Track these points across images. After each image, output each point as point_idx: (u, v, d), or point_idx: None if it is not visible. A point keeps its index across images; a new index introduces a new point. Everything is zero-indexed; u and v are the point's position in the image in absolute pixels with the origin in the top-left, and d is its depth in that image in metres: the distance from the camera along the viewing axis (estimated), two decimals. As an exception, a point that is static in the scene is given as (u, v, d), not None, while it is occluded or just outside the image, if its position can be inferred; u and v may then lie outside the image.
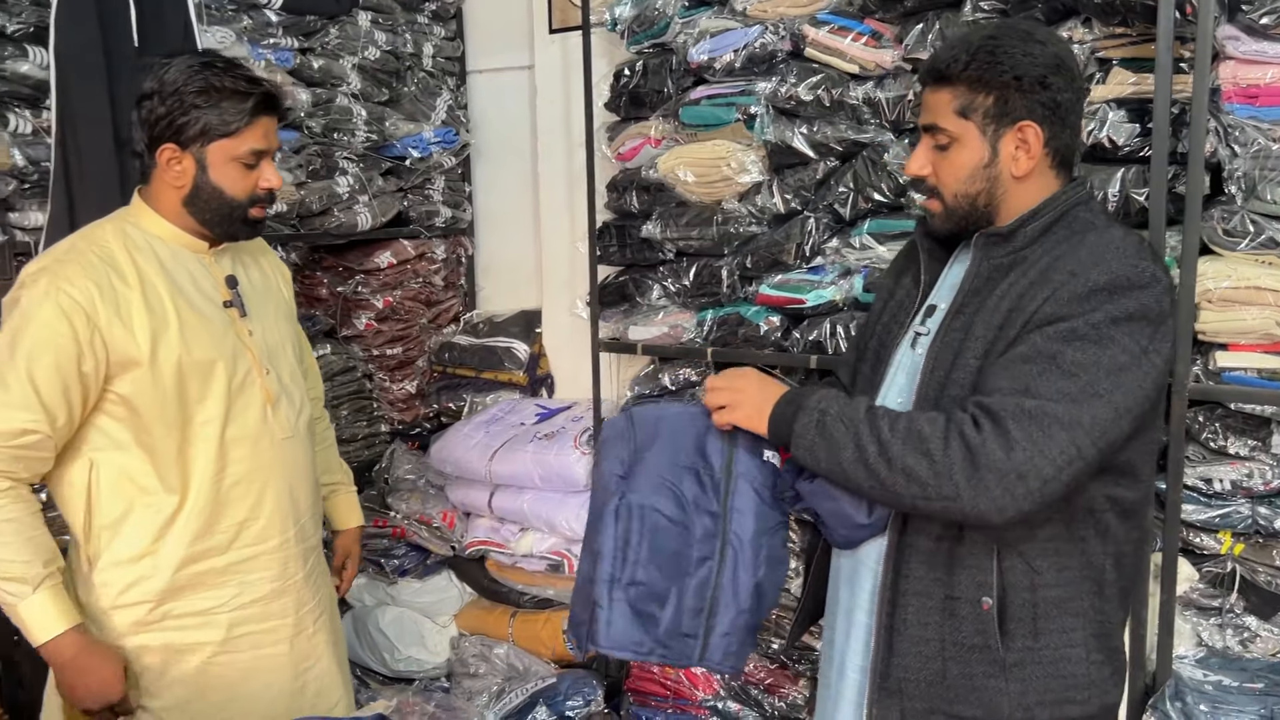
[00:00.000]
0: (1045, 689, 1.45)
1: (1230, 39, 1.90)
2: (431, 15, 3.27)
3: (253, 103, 1.70)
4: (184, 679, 1.77)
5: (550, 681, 2.68)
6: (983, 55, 1.45)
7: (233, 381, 1.75)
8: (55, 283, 1.62)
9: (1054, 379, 1.33)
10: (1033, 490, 1.31)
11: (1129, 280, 1.37)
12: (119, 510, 1.71)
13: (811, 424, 1.44)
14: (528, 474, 2.79)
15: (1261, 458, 1.99)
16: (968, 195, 1.51)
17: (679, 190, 2.60)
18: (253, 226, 1.79)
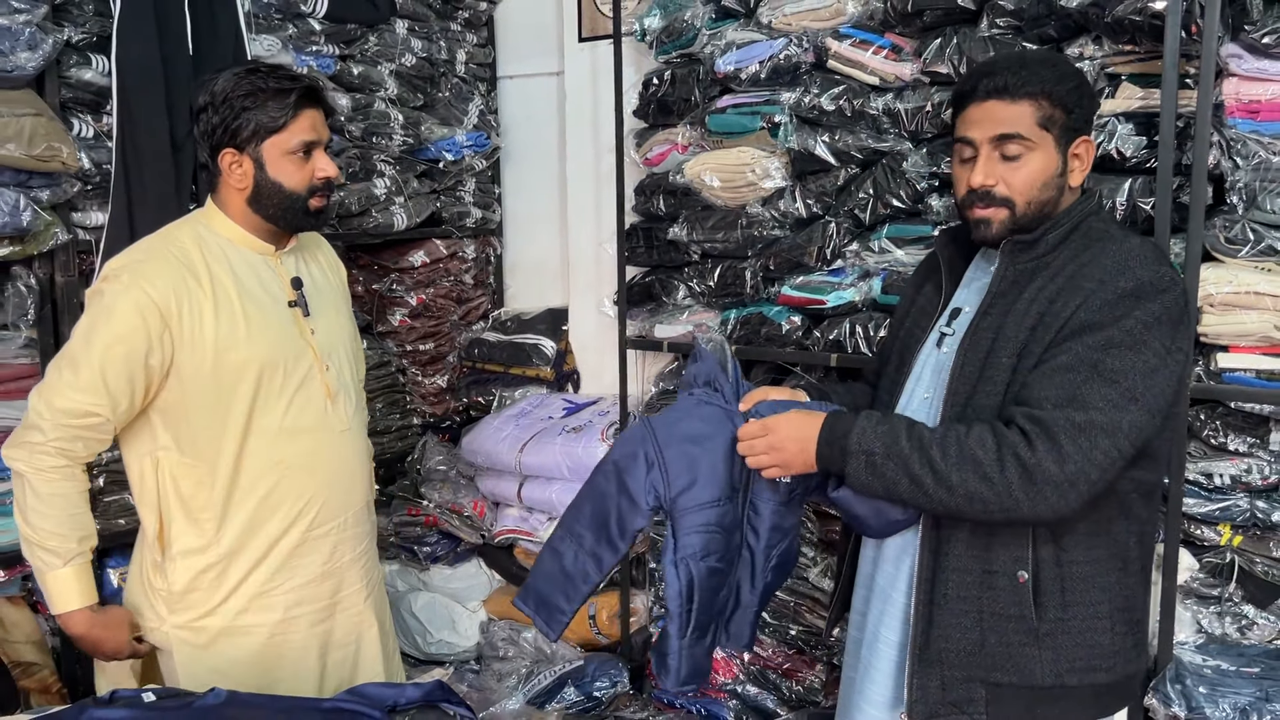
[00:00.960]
0: (1075, 657, 1.56)
1: (1233, 57, 2.01)
2: (464, 23, 3.39)
3: (295, 97, 1.79)
4: (246, 658, 1.86)
5: (578, 664, 2.80)
6: (1054, 75, 1.57)
7: (294, 378, 1.84)
8: (135, 280, 1.73)
9: (1097, 386, 1.45)
10: (1083, 493, 1.45)
11: (1153, 285, 1.50)
12: (184, 502, 1.81)
13: (861, 467, 1.52)
14: (556, 465, 2.90)
15: (1260, 454, 2.09)
16: (1040, 202, 1.60)
17: (705, 195, 2.71)
18: (315, 216, 1.88)
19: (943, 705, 1.61)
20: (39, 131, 2.13)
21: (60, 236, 2.25)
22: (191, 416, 1.79)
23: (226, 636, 1.85)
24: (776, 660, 2.77)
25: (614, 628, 2.98)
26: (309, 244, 2.03)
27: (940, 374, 1.64)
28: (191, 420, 1.79)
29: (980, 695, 1.59)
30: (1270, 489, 2.10)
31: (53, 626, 2.42)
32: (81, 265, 2.34)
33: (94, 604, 1.79)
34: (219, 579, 1.84)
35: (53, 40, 2.17)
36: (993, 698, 1.58)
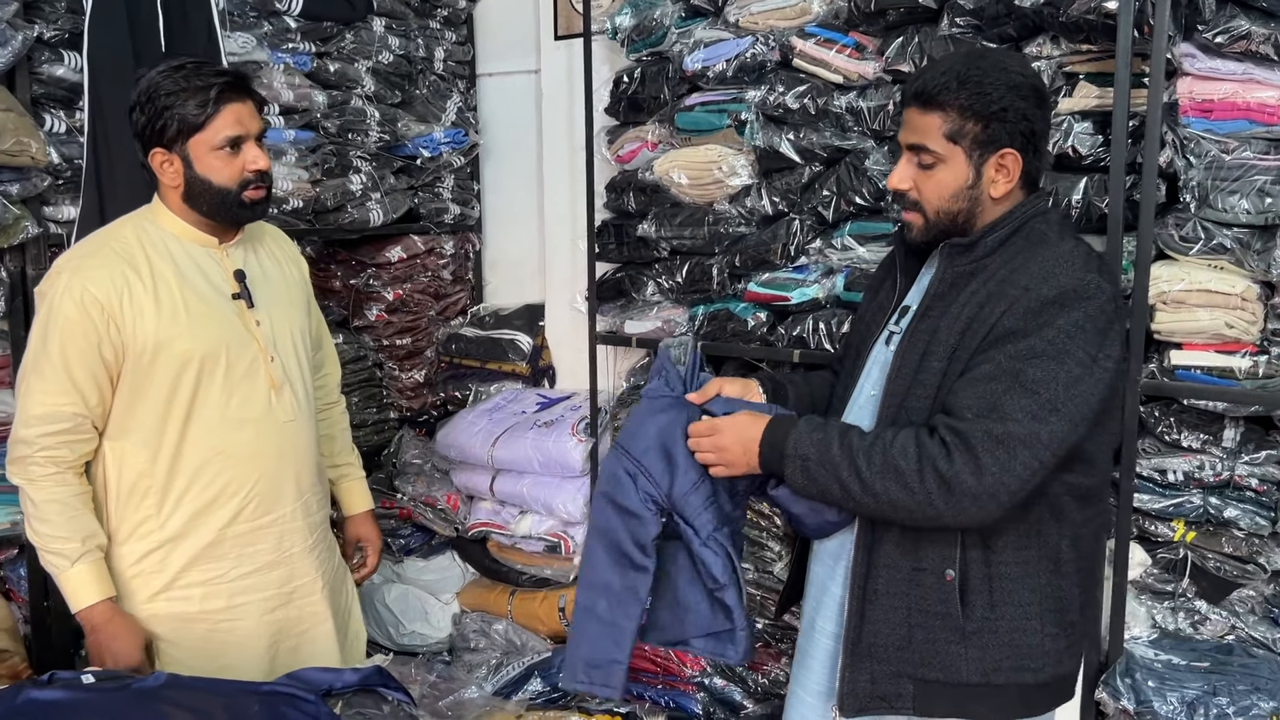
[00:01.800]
0: (1002, 656, 1.57)
1: (1187, 56, 2.02)
2: (443, 21, 3.42)
3: (215, 92, 1.79)
4: (193, 645, 1.90)
5: (545, 655, 2.82)
6: (971, 85, 1.54)
7: (237, 368, 1.87)
8: (75, 277, 1.77)
9: (1017, 397, 1.46)
10: (1003, 503, 1.47)
11: (1076, 293, 1.49)
12: (128, 489, 1.85)
13: (797, 471, 1.56)
14: (527, 459, 2.93)
15: (1213, 451, 2.12)
16: (949, 212, 1.61)
17: (674, 192, 2.74)
18: (252, 209, 1.89)
19: (872, 699, 1.63)
20: (8, 126, 2.16)
21: (31, 230, 2.28)
22: (134, 406, 1.82)
23: (171, 623, 1.88)
24: (743, 653, 2.79)
25: (584, 620, 3.00)
26: (262, 237, 2.05)
27: (884, 371, 1.66)
28: (134, 409, 1.83)
29: (908, 690, 1.61)
30: (1223, 485, 2.13)
31: (25, 614, 2.45)
32: (53, 258, 2.36)
33: (112, 597, 1.83)
34: (161, 564, 1.87)
35: (23, 37, 2.20)
36: (920, 693, 1.60)
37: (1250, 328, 2.03)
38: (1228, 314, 2.03)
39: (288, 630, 2.00)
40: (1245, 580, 2.13)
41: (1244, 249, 2.00)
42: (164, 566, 1.87)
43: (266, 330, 1.94)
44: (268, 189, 1.91)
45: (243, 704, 1.38)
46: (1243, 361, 2.04)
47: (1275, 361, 2.02)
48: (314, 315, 2.17)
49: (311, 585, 2.03)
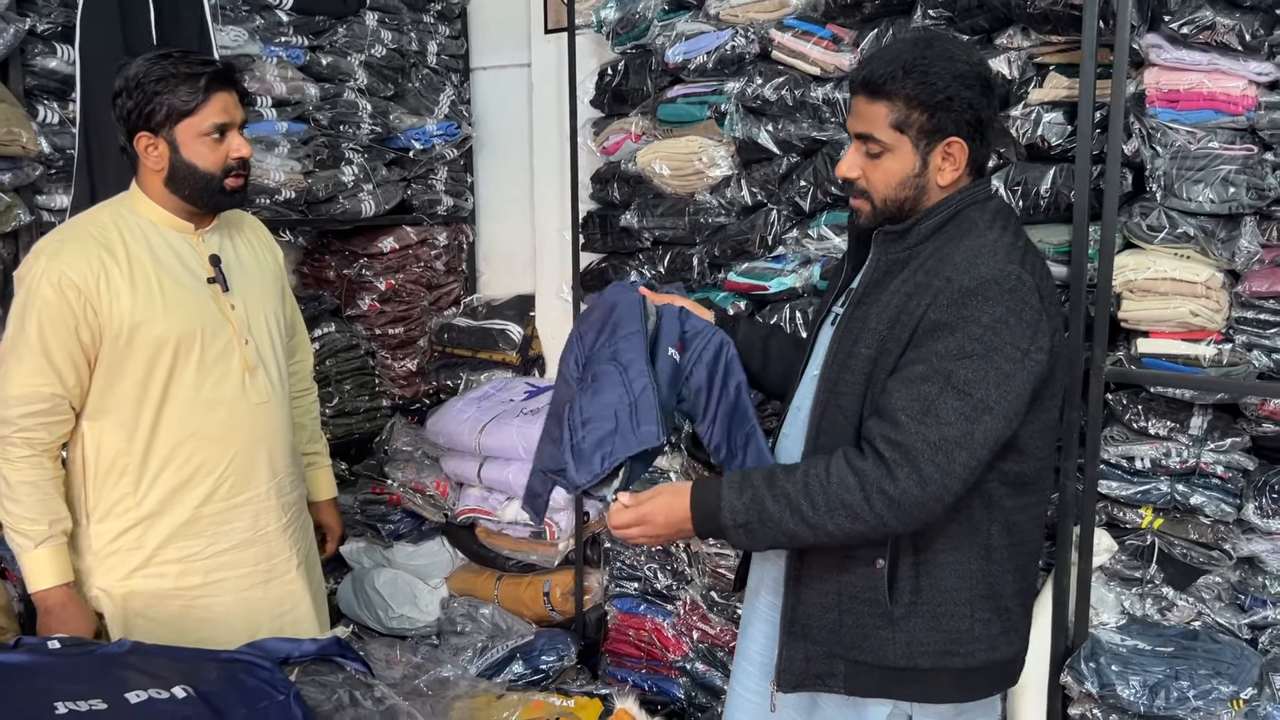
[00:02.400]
0: (929, 640, 1.60)
1: (1154, 47, 2.04)
2: (437, 15, 3.47)
3: (205, 80, 1.85)
4: (168, 620, 1.94)
5: (527, 639, 2.87)
6: (917, 74, 1.55)
7: (212, 350, 1.92)
8: (52, 261, 1.82)
9: (950, 399, 1.48)
10: (947, 504, 1.51)
11: (997, 284, 1.50)
12: (106, 468, 1.90)
13: (741, 538, 1.56)
14: (513, 446, 2.98)
15: (1179, 438, 2.13)
16: (896, 200, 1.63)
17: (656, 182, 2.78)
18: (232, 195, 1.95)
19: (806, 676, 1.67)
20: (0, 117, 2.22)
21: (23, 217, 2.35)
22: (111, 387, 1.88)
23: (147, 599, 1.93)
24: (725, 638, 2.83)
25: (568, 604, 3.05)
26: (238, 224, 2.10)
27: (824, 354, 1.69)
28: (111, 390, 1.88)
29: (840, 670, 1.65)
30: (1189, 472, 2.14)
31: (20, 593, 2.52)
32: (45, 246, 2.44)
33: (69, 582, 1.88)
34: (138, 542, 1.92)
35: (14, 29, 2.27)
36: (850, 673, 1.64)
37: (1215, 316, 2.05)
38: (1193, 302, 2.04)
39: (266, 612, 2.05)
40: (1211, 566, 2.14)
41: (1209, 237, 2.01)
42: (141, 543, 1.92)
43: (241, 314, 1.99)
44: (246, 177, 1.96)
45: (201, 670, 1.42)
46: (1208, 349, 2.05)
47: (1239, 349, 2.03)
48: (288, 302, 2.22)
49: (287, 564, 2.08)
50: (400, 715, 1.39)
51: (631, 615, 3.01)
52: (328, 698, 1.41)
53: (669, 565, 2.95)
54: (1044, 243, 2.17)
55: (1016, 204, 2.20)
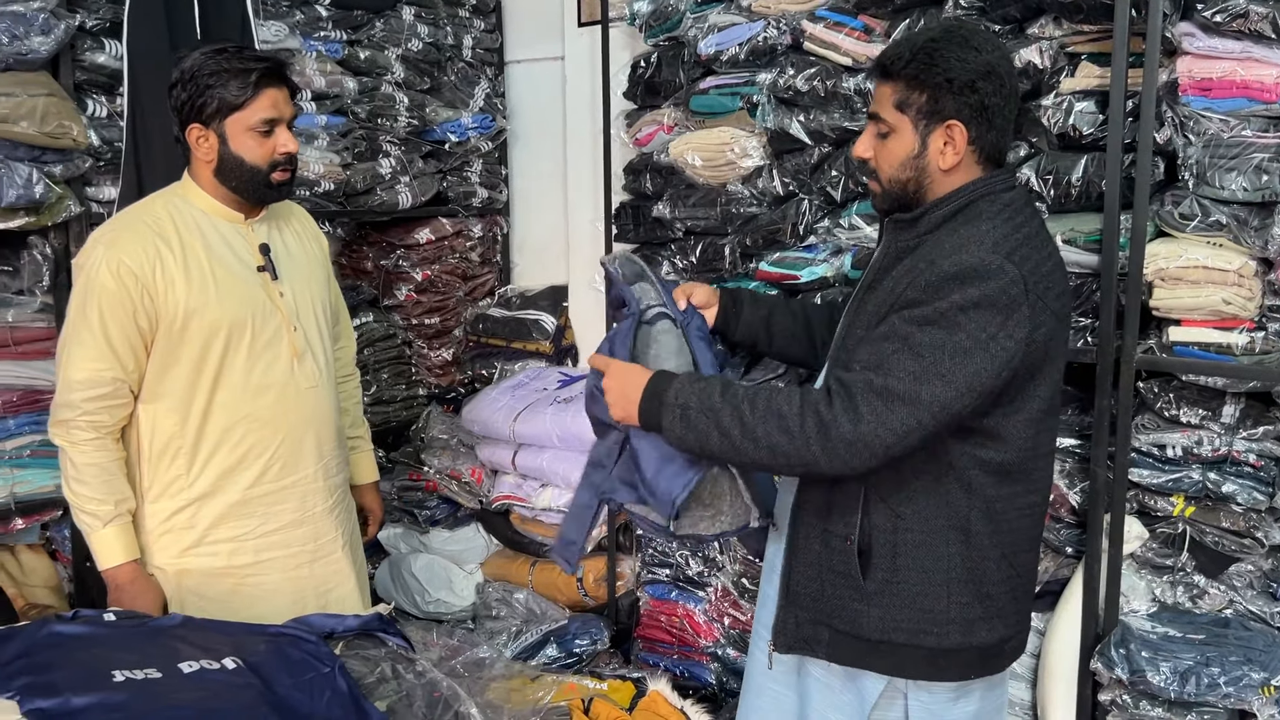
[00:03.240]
0: (903, 618, 1.63)
1: (1186, 35, 2.04)
2: (472, 9, 3.51)
3: (256, 76, 1.90)
4: (220, 598, 2.00)
5: (561, 623, 2.92)
6: (921, 56, 1.58)
7: (262, 336, 1.98)
8: (111, 249, 1.88)
9: (903, 358, 1.49)
10: (876, 454, 1.50)
11: (975, 271, 1.50)
12: (160, 450, 1.97)
13: (676, 419, 1.57)
14: (547, 434, 3.02)
15: (1211, 426, 2.13)
16: (899, 181, 1.65)
17: (688, 173, 2.81)
18: (278, 189, 2.00)
19: (797, 640, 1.72)
20: (51, 110, 2.29)
21: (73, 209, 2.41)
22: (165, 371, 1.93)
23: (200, 576, 2.00)
24: (755, 625, 2.86)
25: (601, 590, 3.10)
26: (285, 214, 2.15)
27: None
28: (166, 375, 1.93)
29: (824, 637, 1.69)
30: (1221, 460, 2.14)
31: (69, 573, 2.60)
32: (94, 236, 2.51)
33: (136, 559, 1.96)
34: (190, 521, 1.98)
35: (65, 25, 2.33)
36: (833, 640, 1.69)
37: (1247, 304, 2.05)
38: (1225, 290, 2.04)
39: (312, 590, 2.11)
40: (1243, 555, 2.14)
41: (1241, 226, 2.01)
42: (193, 523, 1.99)
43: (289, 301, 2.04)
44: (293, 171, 2.01)
45: (250, 643, 1.48)
46: (1240, 337, 2.05)
47: (1272, 337, 2.04)
48: (333, 290, 2.27)
49: (333, 544, 2.14)
50: (441, 687, 1.44)
51: (663, 601, 3.05)
52: (370, 670, 1.46)
53: (700, 552, 2.98)
54: (1075, 231, 2.18)
55: (1048, 193, 2.20)
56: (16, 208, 2.29)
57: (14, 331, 2.40)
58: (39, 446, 2.47)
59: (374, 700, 1.41)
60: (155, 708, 1.25)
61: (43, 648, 1.34)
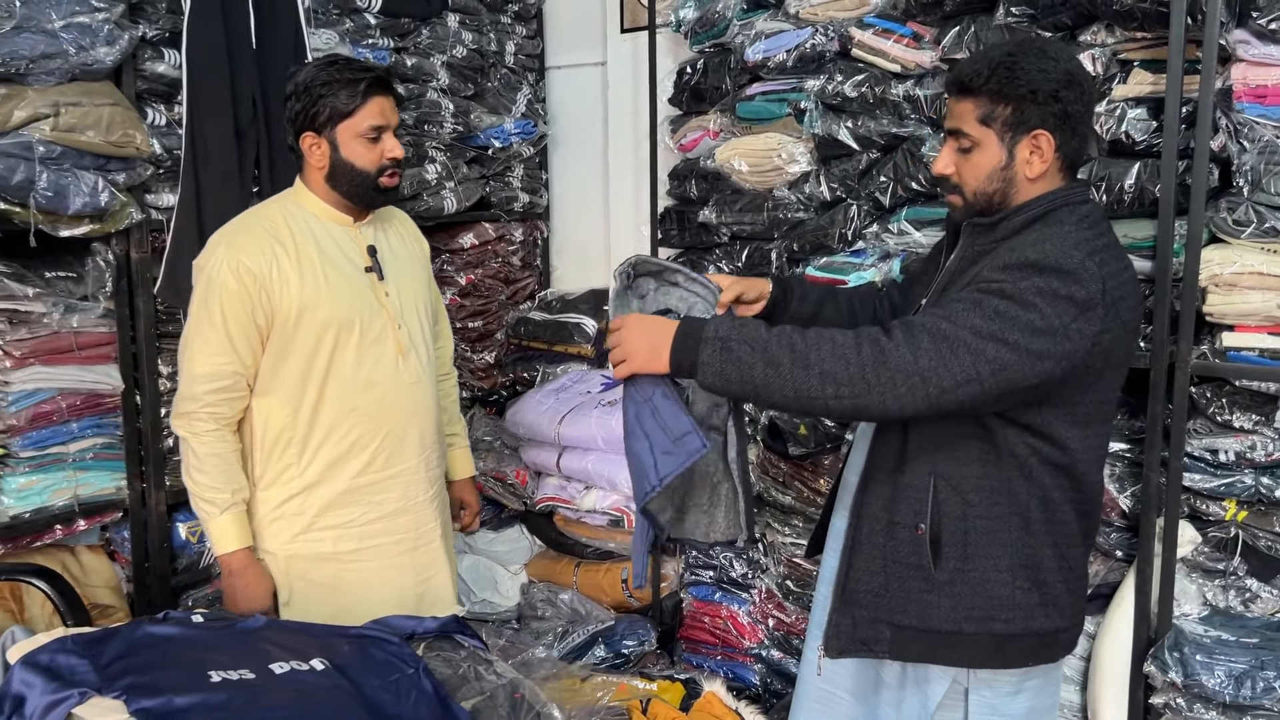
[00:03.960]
0: (973, 605, 1.66)
1: (1241, 43, 2.06)
2: (514, 16, 3.54)
3: (364, 85, 2.00)
4: (325, 582, 2.11)
5: (609, 624, 2.95)
6: (1002, 71, 1.61)
7: (369, 334, 2.07)
8: (230, 250, 1.99)
9: (972, 315, 1.50)
10: (931, 395, 1.49)
11: (1058, 264, 1.52)
12: (273, 440, 2.06)
13: (716, 352, 1.53)
14: (592, 437, 3.05)
15: (1265, 431, 2.14)
16: (985, 193, 1.68)
17: (734, 179, 2.83)
18: (386, 193, 2.10)
19: (853, 642, 1.73)
20: (116, 120, 2.33)
21: (135, 216, 2.46)
22: (279, 366, 2.03)
23: (308, 561, 2.10)
24: (800, 626, 2.88)
25: (645, 592, 3.12)
26: (392, 219, 2.25)
27: None
28: (279, 369, 2.03)
29: (885, 635, 1.70)
30: (1274, 465, 2.15)
31: (128, 574, 2.64)
32: (154, 242, 2.55)
33: (250, 546, 2.06)
34: (300, 508, 2.08)
35: (129, 36, 2.37)
36: (895, 638, 1.70)
37: (1302, 310, 2.06)
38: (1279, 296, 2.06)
39: (415, 576, 2.20)
40: (1296, 559, 2.16)
41: (1296, 232, 2.03)
42: (303, 510, 2.08)
43: (394, 301, 2.13)
44: (400, 176, 2.12)
45: (334, 644, 1.51)
46: (1294, 343, 2.07)
47: (1327, 343, 2.05)
48: (433, 292, 2.37)
49: (432, 533, 2.23)
50: (522, 687, 1.47)
51: (707, 603, 3.07)
52: (454, 671, 1.49)
53: (744, 555, 3.00)
54: (1128, 237, 2.20)
55: (1100, 199, 2.22)
56: (82, 215, 2.34)
57: (78, 336, 2.45)
58: (101, 449, 2.52)
59: (458, 701, 1.44)
60: (253, 708, 1.28)
61: (141, 648, 1.38)
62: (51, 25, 2.24)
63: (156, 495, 2.60)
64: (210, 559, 2.75)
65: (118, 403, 2.55)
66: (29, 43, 2.20)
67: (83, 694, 1.26)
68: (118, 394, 2.54)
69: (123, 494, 2.57)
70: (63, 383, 2.43)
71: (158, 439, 2.60)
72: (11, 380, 2.35)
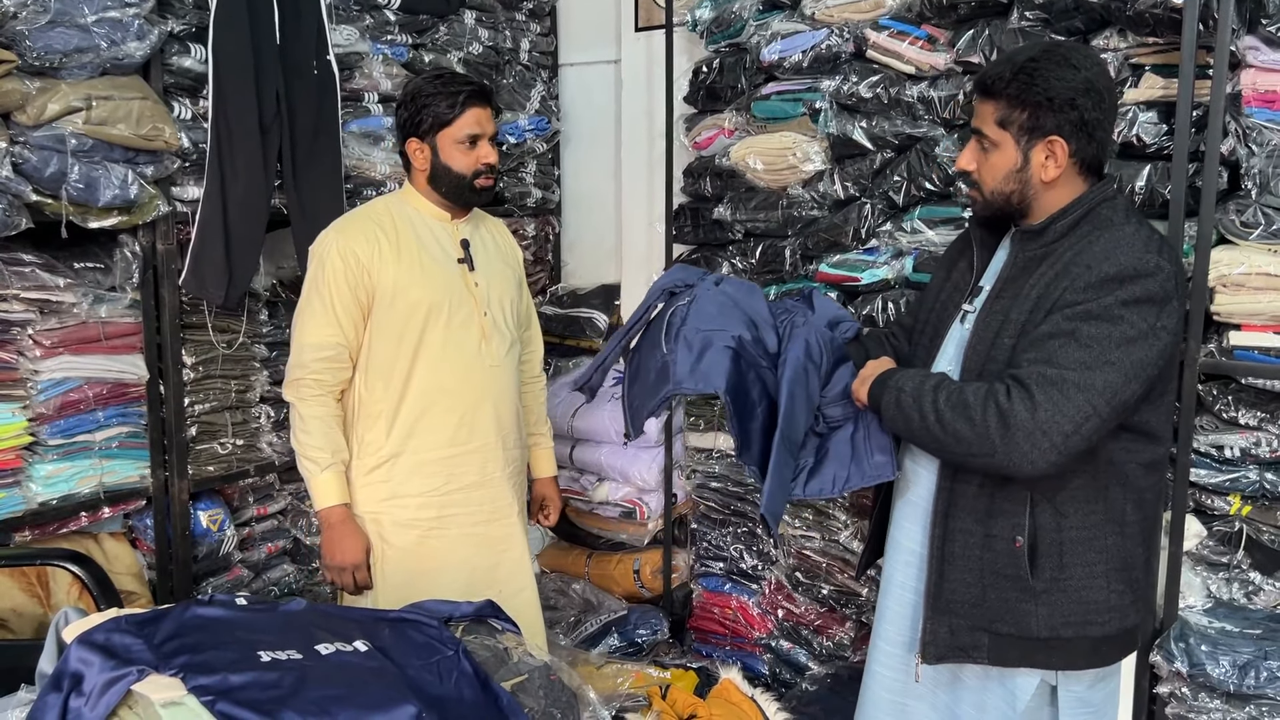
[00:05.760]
0: (1070, 612, 1.71)
1: (1250, 49, 2.10)
2: (529, 13, 3.59)
3: (462, 97, 2.19)
4: (408, 546, 2.25)
5: (621, 613, 2.99)
6: (1022, 76, 1.68)
7: (457, 317, 2.24)
8: (338, 236, 2.20)
9: (1072, 350, 1.59)
10: (1056, 444, 1.58)
11: (1134, 270, 1.61)
12: (366, 412, 2.23)
13: (892, 401, 1.73)
14: (605, 430, 3.10)
15: (1270, 428, 2.19)
16: (1002, 193, 1.76)
17: (749, 177, 2.88)
18: (480, 194, 2.28)
19: (951, 649, 1.78)
20: (145, 114, 2.37)
21: (162, 208, 2.49)
22: (376, 341, 2.21)
23: (392, 526, 2.25)
24: (809, 617, 2.94)
25: (657, 582, 3.17)
26: (488, 224, 2.44)
27: (960, 348, 1.80)
28: (375, 344, 2.21)
29: (984, 642, 1.75)
30: (1279, 461, 2.20)
31: (149, 561, 2.69)
32: (179, 235, 2.59)
33: (347, 503, 2.22)
34: (387, 475, 2.24)
35: (158, 31, 2.41)
36: (994, 645, 1.75)
37: (1308, 310, 2.11)
38: (1286, 296, 2.11)
39: (488, 548, 2.33)
40: (1299, 553, 2.21)
41: (1303, 234, 2.08)
42: (390, 477, 2.24)
43: (483, 290, 2.30)
44: (495, 179, 2.28)
45: (374, 627, 1.56)
46: (1300, 342, 2.12)
47: (1332, 343, 2.10)
48: (525, 297, 2.52)
49: (509, 509, 2.36)
50: (559, 671, 1.52)
51: (716, 594, 3.13)
52: (491, 654, 1.54)
53: (754, 546, 3.05)
54: (1139, 238, 2.25)
55: (1112, 200, 2.27)
56: (112, 207, 2.38)
57: (105, 327, 2.49)
58: (127, 438, 2.56)
59: (497, 682, 1.48)
60: (307, 687, 1.32)
61: (191, 629, 1.42)
62: (84, 20, 2.28)
63: (179, 484, 2.64)
64: (230, 546, 2.79)
65: (142, 392, 2.59)
66: (62, 37, 2.24)
67: (141, 671, 1.30)
68: (143, 383, 2.58)
69: (146, 482, 2.61)
70: (90, 372, 2.47)
71: (181, 428, 2.64)
72: (41, 369, 2.39)
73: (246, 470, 2.82)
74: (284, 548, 3.02)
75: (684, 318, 1.89)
